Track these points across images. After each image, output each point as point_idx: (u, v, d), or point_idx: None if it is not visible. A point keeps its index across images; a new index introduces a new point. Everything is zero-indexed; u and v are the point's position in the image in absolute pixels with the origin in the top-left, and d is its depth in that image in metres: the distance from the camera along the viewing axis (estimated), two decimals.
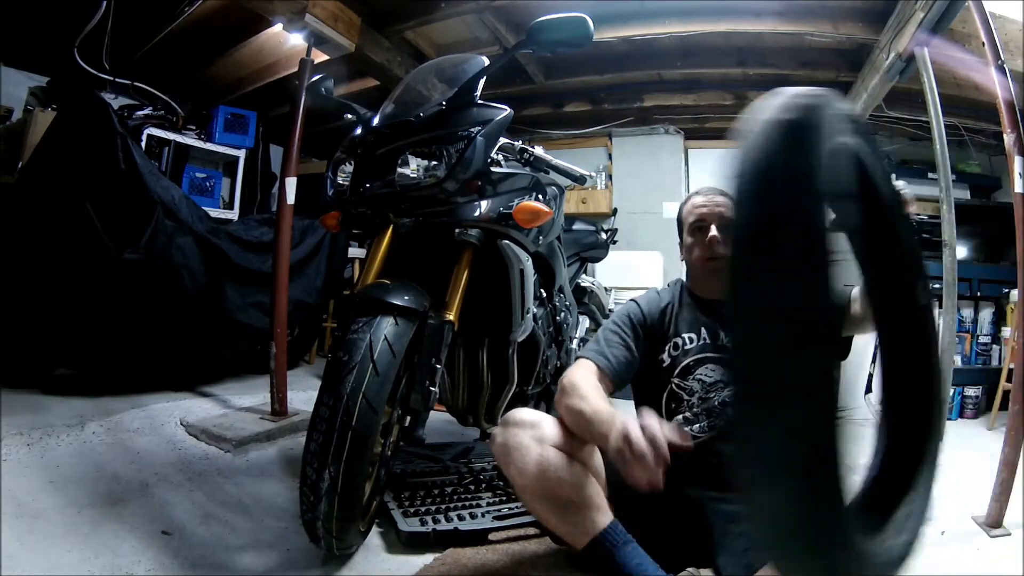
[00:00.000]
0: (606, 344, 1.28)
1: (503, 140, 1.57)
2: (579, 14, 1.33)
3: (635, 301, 1.39)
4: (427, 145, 1.38)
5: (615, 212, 4.25)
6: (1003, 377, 3.04)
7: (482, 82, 1.48)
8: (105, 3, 2.81)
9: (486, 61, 1.51)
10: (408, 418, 1.33)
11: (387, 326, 1.17)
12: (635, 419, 0.96)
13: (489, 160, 1.45)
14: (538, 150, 1.68)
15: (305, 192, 2.46)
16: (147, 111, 3.59)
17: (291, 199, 2.32)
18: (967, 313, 3.55)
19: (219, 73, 3.70)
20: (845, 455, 0.48)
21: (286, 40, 3.13)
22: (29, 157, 2.65)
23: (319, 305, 3.39)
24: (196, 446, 1.97)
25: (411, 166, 1.36)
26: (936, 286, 3.15)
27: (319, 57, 2.86)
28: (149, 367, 2.54)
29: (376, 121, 1.47)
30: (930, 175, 3.71)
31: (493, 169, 1.48)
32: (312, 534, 1.17)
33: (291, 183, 2.33)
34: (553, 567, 1.24)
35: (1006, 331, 3.34)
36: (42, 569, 1.13)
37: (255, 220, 3.13)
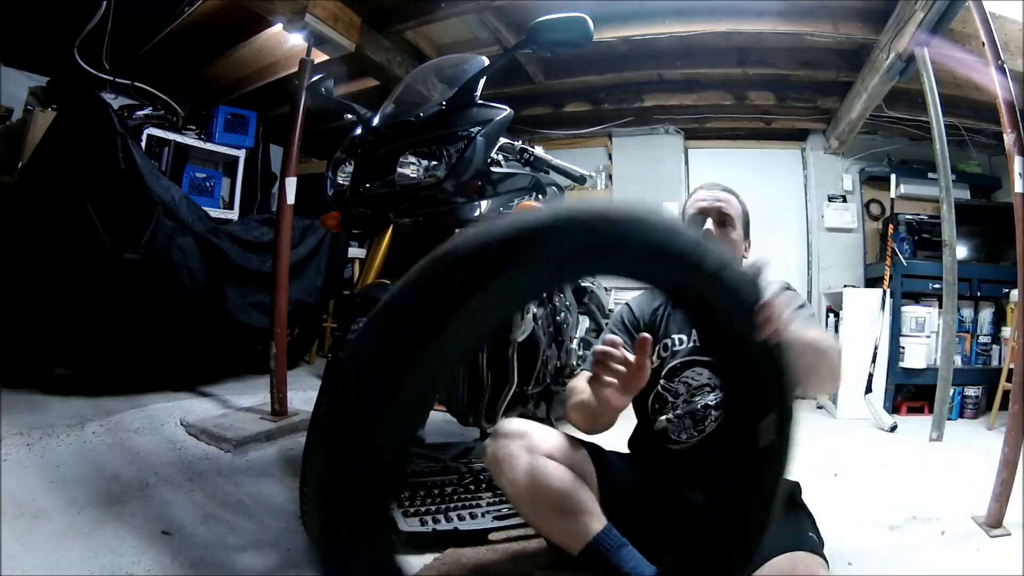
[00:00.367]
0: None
1: (503, 140, 1.57)
2: (579, 14, 1.33)
3: (627, 304, 1.39)
4: (427, 145, 1.38)
5: None
6: (1003, 377, 3.04)
7: (482, 82, 1.48)
8: (105, 3, 2.81)
9: (486, 61, 1.51)
10: None
11: None
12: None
13: (489, 160, 1.46)
14: (538, 150, 1.68)
15: (305, 192, 2.46)
16: (147, 111, 3.58)
17: (291, 199, 2.32)
18: (967, 313, 3.55)
19: (219, 73, 3.70)
20: None
21: (286, 40, 3.13)
22: (29, 157, 2.65)
23: (319, 305, 3.39)
24: (196, 446, 1.97)
25: (411, 166, 1.37)
26: (936, 286, 3.17)
27: (319, 57, 2.86)
28: (149, 367, 2.54)
29: (376, 121, 1.47)
30: (930, 175, 3.71)
31: (493, 169, 1.48)
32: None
33: (291, 183, 2.33)
34: (553, 567, 1.24)
35: (1006, 331, 3.34)
36: (42, 569, 1.13)
37: (255, 220, 3.13)
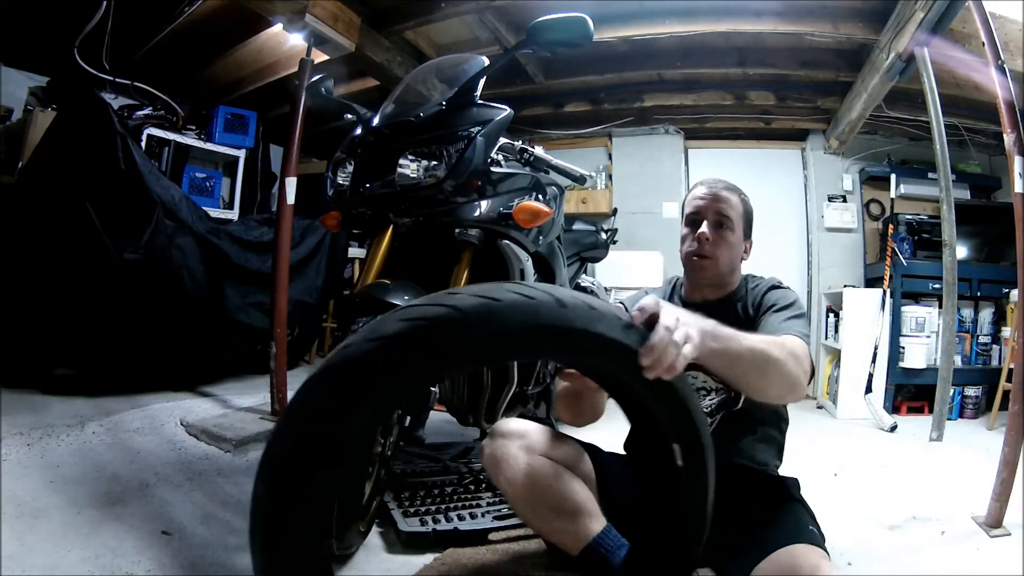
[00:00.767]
0: None
1: (503, 140, 1.57)
2: (579, 14, 1.32)
3: (621, 303, 1.34)
4: (427, 145, 1.38)
5: (615, 212, 4.25)
6: (1003, 377, 3.04)
7: (482, 82, 1.48)
8: (105, 3, 2.81)
9: (486, 61, 1.51)
10: (408, 418, 1.33)
11: None
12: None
13: (489, 160, 1.45)
14: (538, 150, 1.68)
15: (305, 192, 2.46)
16: (147, 111, 3.59)
17: (291, 199, 2.32)
18: (967, 313, 3.55)
19: (219, 73, 3.70)
20: None
21: (286, 40, 3.13)
22: (29, 157, 2.65)
23: (319, 305, 3.39)
24: (196, 446, 1.97)
25: (411, 166, 1.36)
26: (936, 286, 3.17)
27: (319, 57, 2.86)
28: (149, 367, 2.54)
29: (376, 121, 1.47)
30: (930, 175, 3.71)
31: (493, 169, 1.48)
32: None
33: (291, 183, 2.33)
34: (553, 567, 1.24)
35: (1006, 331, 3.34)
36: (42, 569, 1.13)
37: (255, 220, 3.13)
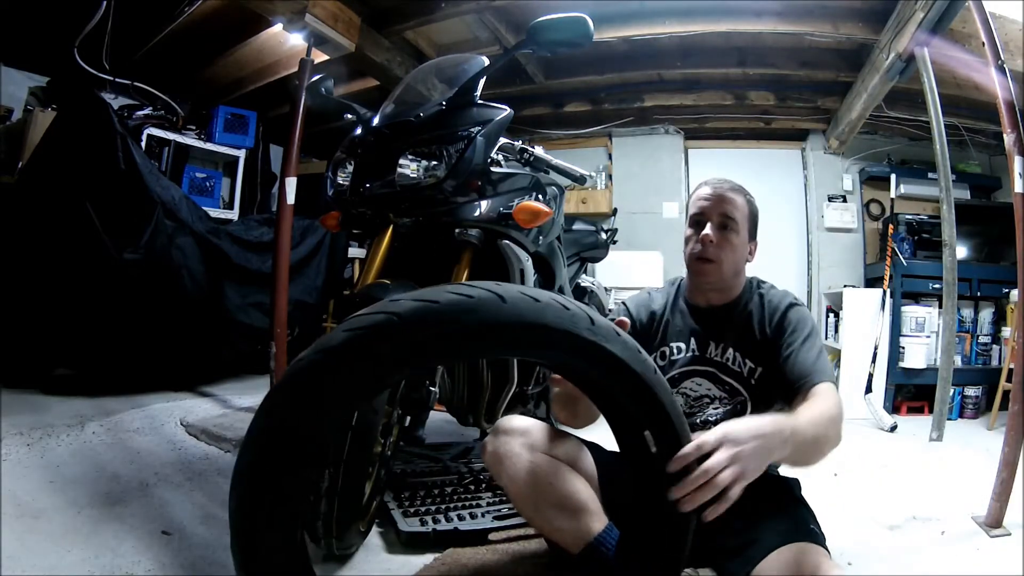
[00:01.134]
0: None
1: (503, 140, 1.57)
2: (579, 14, 1.32)
3: (624, 303, 1.34)
4: (427, 145, 1.38)
5: (615, 212, 4.24)
6: (1003, 377, 3.04)
7: (482, 82, 1.48)
8: (105, 3, 2.81)
9: (486, 61, 1.51)
10: (408, 418, 1.33)
11: None
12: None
13: (489, 160, 1.45)
14: (538, 150, 1.68)
15: (305, 192, 2.46)
16: (147, 111, 3.58)
17: (291, 199, 2.32)
18: (967, 313, 3.55)
19: (219, 73, 3.70)
20: None
21: (286, 40, 3.13)
22: (29, 157, 2.65)
23: (319, 305, 3.39)
24: (196, 446, 1.97)
25: (411, 166, 1.36)
26: (936, 286, 3.17)
27: (319, 57, 2.86)
28: (149, 367, 2.54)
29: (376, 121, 1.47)
30: (930, 175, 3.71)
31: (493, 169, 1.48)
32: (312, 534, 1.17)
33: (291, 183, 2.33)
34: (553, 567, 1.24)
35: (1006, 331, 3.33)
36: (42, 569, 1.13)
37: (255, 220, 3.13)
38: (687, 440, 0.79)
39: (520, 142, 1.67)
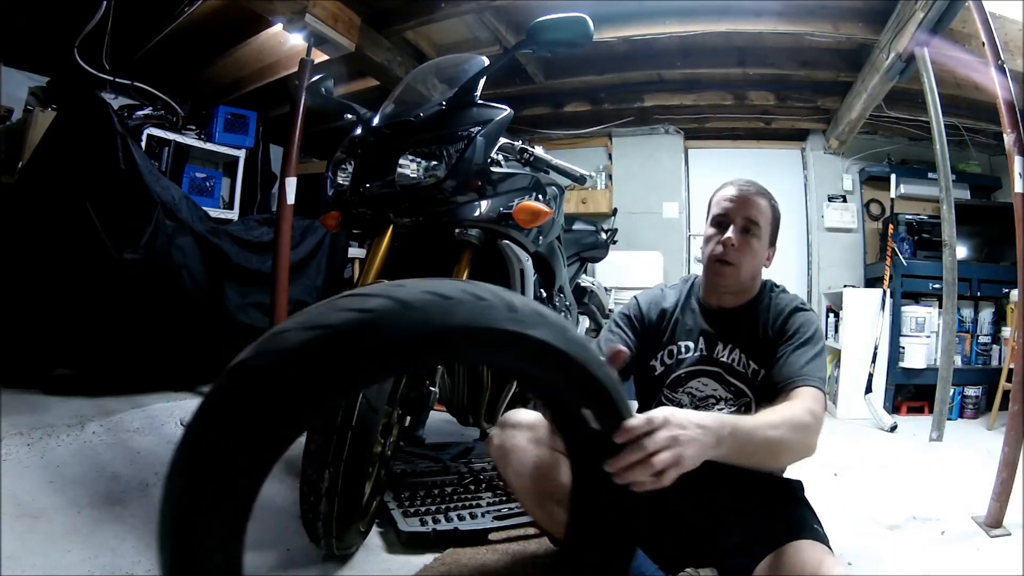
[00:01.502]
0: (603, 341, 1.25)
1: (503, 140, 1.57)
2: (579, 14, 1.32)
3: (636, 298, 1.33)
4: (427, 145, 1.38)
5: (615, 212, 4.26)
6: (1003, 377, 3.04)
7: (482, 82, 1.48)
8: (105, 3, 2.81)
9: (486, 61, 1.51)
10: (408, 418, 1.33)
11: None
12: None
13: (489, 160, 1.45)
14: (538, 150, 1.68)
15: (305, 192, 2.46)
16: (147, 111, 3.58)
17: (291, 199, 2.32)
18: (967, 313, 3.55)
19: (219, 73, 3.70)
20: None
21: (286, 40, 3.13)
22: (29, 157, 2.65)
23: None
24: None
25: (411, 166, 1.36)
26: (936, 286, 3.17)
27: (319, 57, 2.86)
28: (149, 367, 2.54)
29: (376, 121, 1.47)
30: (930, 175, 3.71)
31: (493, 169, 1.48)
32: (312, 534, 1.17)
33: (291, 183, 2.33)
34: (553, 567, 1.24)
35: (1006, 331, 3.34)
36: (42, 569, 1.13)
37: (255, 220, 3.13)
38: (629, 414, 0.77)
39: (520, 142, 1.67)
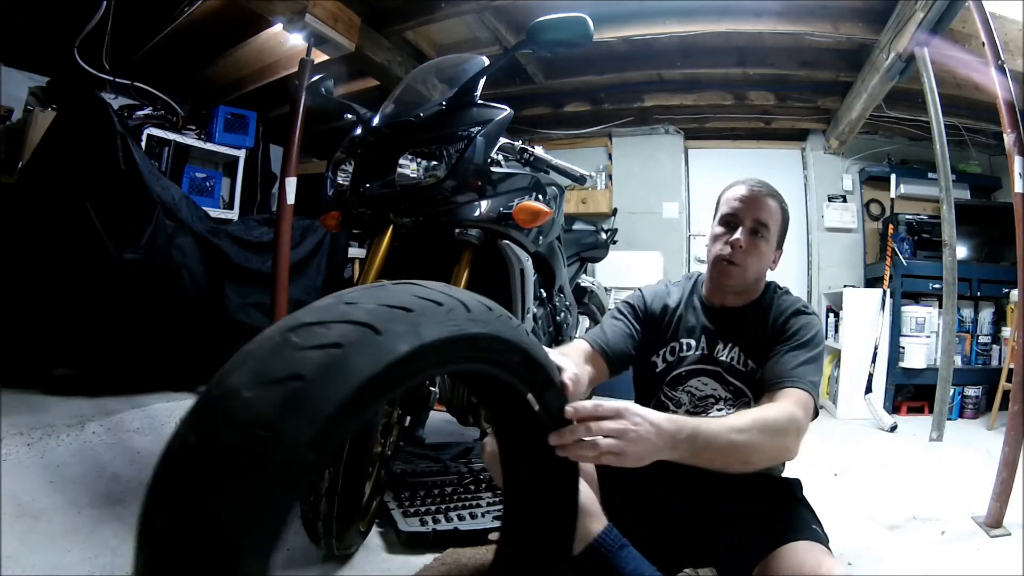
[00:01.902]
0: (603, 326, 1.24)
1: (503, 140, 1.57)
2: (579, 14, 1.32)
3: (640, 290, 1.32)
4: (427, 145, 1.38)
5: (615, 212, 4.26)
6: (1003, 377, 3.04)
7: (482, 82, 1.48)
8: (105, 3, 2.81)
9: (486, 61, 1.51)
10: (408, 418, 1.33)
11: None
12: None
13: (489, 160, 1.45)
14: (538, 150, 1.68)
15: (305, 192, 2.46)
16: (147, 111, 3.58)
17: (291, 199, 2.32)
18: (967, 313, 3.55)
19: (219, 73, 3.70)
20: None
21: (286, 40, 3.13)
22: (29, 157, 2.65)
23: None
24: None
25: (411, 166, 1.36)
26: (936, 286, 3.17)
27: (319, 57, 2.86)
28: (149, 367, 2.54)
29: (376, 121, 1.47)
30: (930, 175, 3.71)
31: (493, 169, 1.48)
32: (312, 534, 1.17)
33: (291, 183, 2.33)
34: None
35: (1006, 331, 3.34)
36: (42, 569, 1.13)
37: (255, 220, 3.13)
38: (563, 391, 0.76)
39: (520, 142, 1.67)
